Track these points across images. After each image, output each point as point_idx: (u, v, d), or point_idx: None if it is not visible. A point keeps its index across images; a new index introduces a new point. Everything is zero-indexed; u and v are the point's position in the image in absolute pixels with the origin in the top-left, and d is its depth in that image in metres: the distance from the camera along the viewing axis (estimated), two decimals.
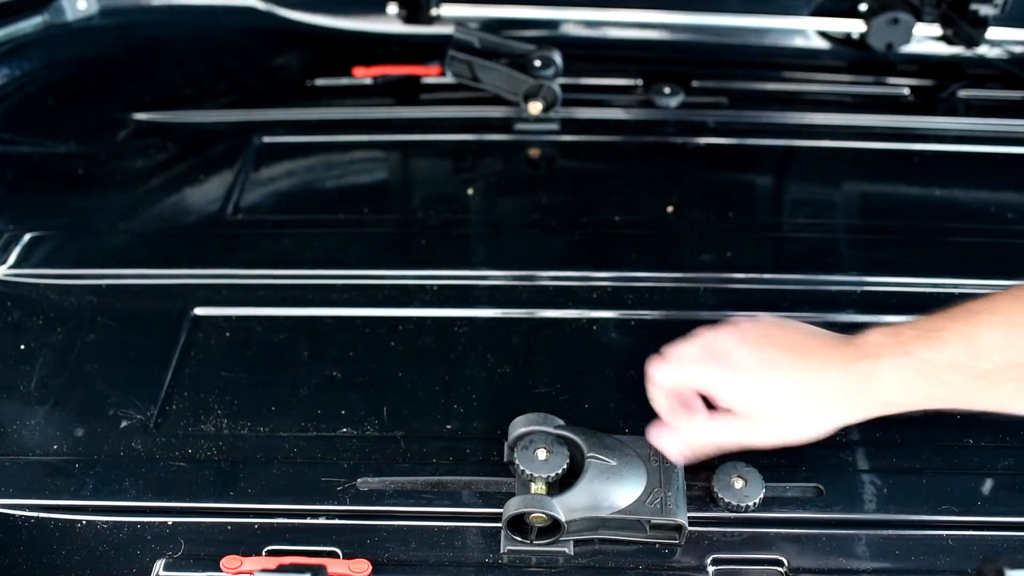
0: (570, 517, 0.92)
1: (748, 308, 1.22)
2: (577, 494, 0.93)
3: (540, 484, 0.94)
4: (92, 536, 0.96)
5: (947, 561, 0.94)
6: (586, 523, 0.94)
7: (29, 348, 1.16)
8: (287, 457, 1.04)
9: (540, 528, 0.94)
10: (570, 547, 0.95)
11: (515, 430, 0.98)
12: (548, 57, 1.51)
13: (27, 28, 1.49)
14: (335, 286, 1.24)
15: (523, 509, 0.92)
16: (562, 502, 0.92)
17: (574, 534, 0.95)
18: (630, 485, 0.94)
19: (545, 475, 0.93)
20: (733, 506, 0.96)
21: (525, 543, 0.94)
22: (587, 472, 0.94)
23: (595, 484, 0.93)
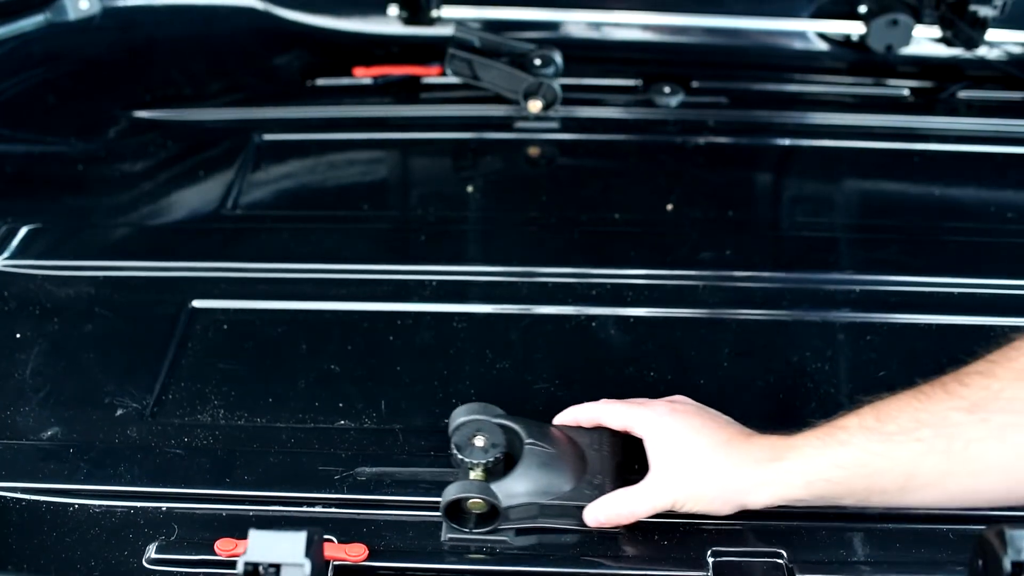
0: (507, 503, 0.92)
1: (747, 306, 1.22)
2: (514, 480, 0.92)
3: (478, 471, 0.93)
4: (84, 519, 0.95)
5: (947, 554, 0.94)
6: (525, 510, 0.93)
7: (26, 337, 1.16)
8: (284, 447, 1.03)
9: (479, 515, 0.93)
10: (511, 535, 0.94)
11: (455, 419, 0.98)
12: (548, 56, 1.51)
13: (29, 26, 1.50)
14: (334, 280, 1.24)
15: (460, 495, 0.91)
16: (499, 488, 0.92)
17: (515, 522, 0.94)
18: (569, 473, 0.93)
19: (482, 461, 0.93)
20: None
21: (464, 531, 0.94)
22: (524, 459, 0.94)
23: (532, 471, 0.93)
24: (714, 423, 0.94)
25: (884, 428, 0.85)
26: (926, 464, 0.84)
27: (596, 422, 0.99)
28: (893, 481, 0.86)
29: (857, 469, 0.86)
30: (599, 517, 0.93)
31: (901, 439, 0.85)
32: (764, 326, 1.20)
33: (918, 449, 0.84)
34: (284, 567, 0.77)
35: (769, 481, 0.89)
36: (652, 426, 0.94)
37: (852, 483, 0.87)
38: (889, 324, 1.19)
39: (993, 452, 0.82)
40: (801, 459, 0.88)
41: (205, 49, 1.62)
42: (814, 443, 0.88)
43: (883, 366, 1.13)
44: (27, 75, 1.50)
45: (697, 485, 0.91)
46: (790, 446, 0.89)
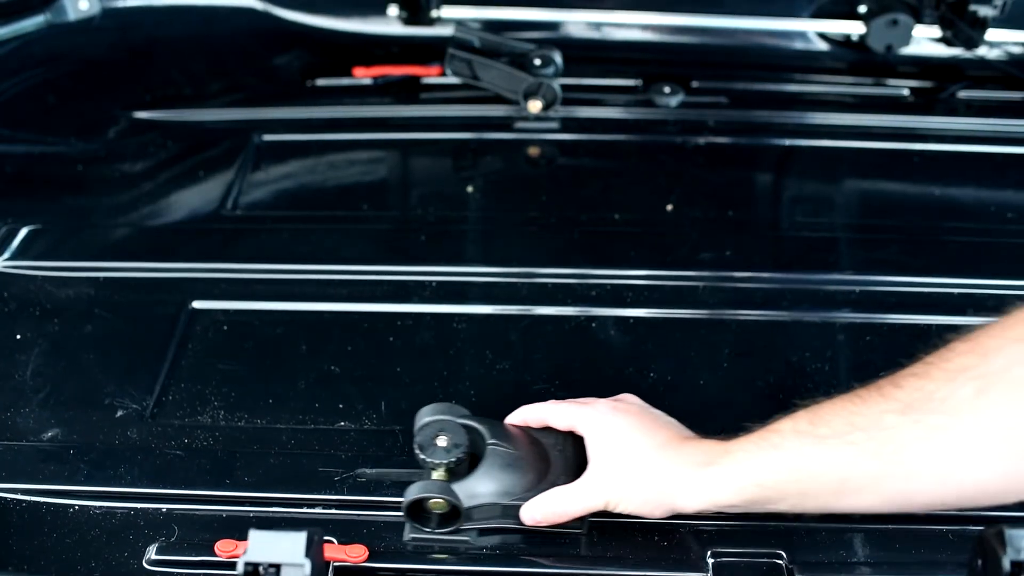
0: (469, 504, 0.92)
1: (747, 306, 1.22)
2: (476, 481, 0.92)
3: (441, 471, 0.93)
4: (84, 520, 0.96)
5: (946, 554, 0.94)
6: (487, 511, 0.93)
7: (26, 338, 1.16)
8: (284, 448, 1.03)
9: (441, 515, 0.93)
10: (473, 535, 0.94)
11: (420, 419, 0.98)
12: (548, 56, 1.51)
13: (29, 27, 1.50)
14: (334, 281, 1.24)
15: (421, 495, 0.91)
16: (462, 489, 0.92)
17: (478, 522, 0.94)
18: (531, 474, 0.93)
19: (444, 461, 0.93)
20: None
21: (426, 531, 0.94)
22: (487, 459, 0.94)
23: (495, 471, 0.93)
24: (654, 424, 0.94)
25: (817, 432, 0.85)
26: (859, 468, 0.83)
27: (543, 422, 0.98)
28: (826, 485, 0.85)
29: (789, 474, 0.86)
30: (535, 515, 0.92)
31: (834, 443, 0.84)
32: (764, 326, 1.20)
33: (851, 453, 0.83)
34: (284, 567, 0.78)
35: (701, 486, 0.88)
36: (592, 425, 0.94)
37: (785, 488, 0.86)
38: (889, 324, 1.19)
39: (925, 454, 0.81)
40: (734, 464, 0.87)
41: (205, 49, 1.62)
42: (747, 448, 0.87)
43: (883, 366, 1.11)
44: (27, 75, 1.50)
45: (630, 486, 0.91)
46: (724, 451, 0.88)
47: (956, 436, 0.80)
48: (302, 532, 0.79)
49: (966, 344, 0.82)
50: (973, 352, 0.80)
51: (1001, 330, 0.81)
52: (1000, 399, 0.78)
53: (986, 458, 0.80)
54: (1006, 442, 0.79)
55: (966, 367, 0.80)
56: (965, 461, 0.80)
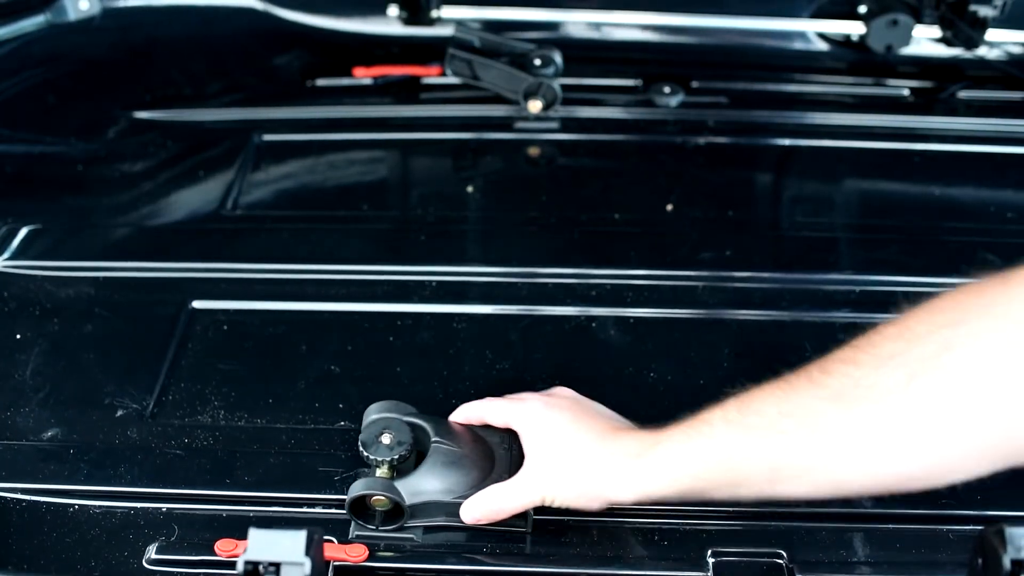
0: (412, 501, 0.92)
1: (747, 306, 1.22)
2: (419, 478, 0.93)
3: (384, 468, 0.93)
4: (84, 520, 0.96)
5: (946, 554, 0.94)
6: (432, 509, 0.93)
7: (26, 338, 1.16)
8: (284, 448, 1.03)
9: (385, 513, 0.93)
10: (419, 533, 0.94)
11: (367, 417, 0.98)
12: (548, 56, 1.51)
13: (29, 27, 1.50)
14: (334, 281, 1.24)
15: (363, 492, 0.91)
16: (404, 486, 0.92)
17: (422, 520, 0.94)
18: (476, 471, 0.93)
19: (387, 458, 0.93)
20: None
21: (371, 528, 0.93)
22: (430, 456, 0.94)
23: (438, 469, 0.93)
24: (587, 416, 0.94)
25: (746, 421, 0.84)
26: (790, 457, 0.83)
27: (481, 420, 0.98)
28: (758, 474, 0.85)
29: (721, 464, 0.85)
30: (474, 514, 0.92)
31: (764, 432, 0.83)
32: (764, 326, 1.20)
33: (781, 441, 0.82)
34: (284, 566, 0.77)
35: (634, 477, 0.88)
36: (526, 421, 0.94)
37: (717, 477, 0.86)
38: None
39: (855, 443, 0.80)
40: (666, 454, 0.86)
41: (205, 49, 1.62)
42: (678, 438, 0.86)
43: None
44: (27, 75, 1.50)
45: (563, 480, 0.90)
46: (655, 441, 0.87)
47: (885, 424, 0.79)
48: (302, 531, 0.78)
49: (894, 329, 0.80)
50: (901, 338, 0.79)
51: (929, 315, 0.79)
52: (929, 387, 0.77)
53: (916, 445, 0.79)
54: (935, 429, 0.78)
55: (894, 353, 0.79)
56: (895, 449, 0.79)
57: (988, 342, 0.76)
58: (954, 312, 0.78)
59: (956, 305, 0.79)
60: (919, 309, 0.81)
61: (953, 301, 0.79)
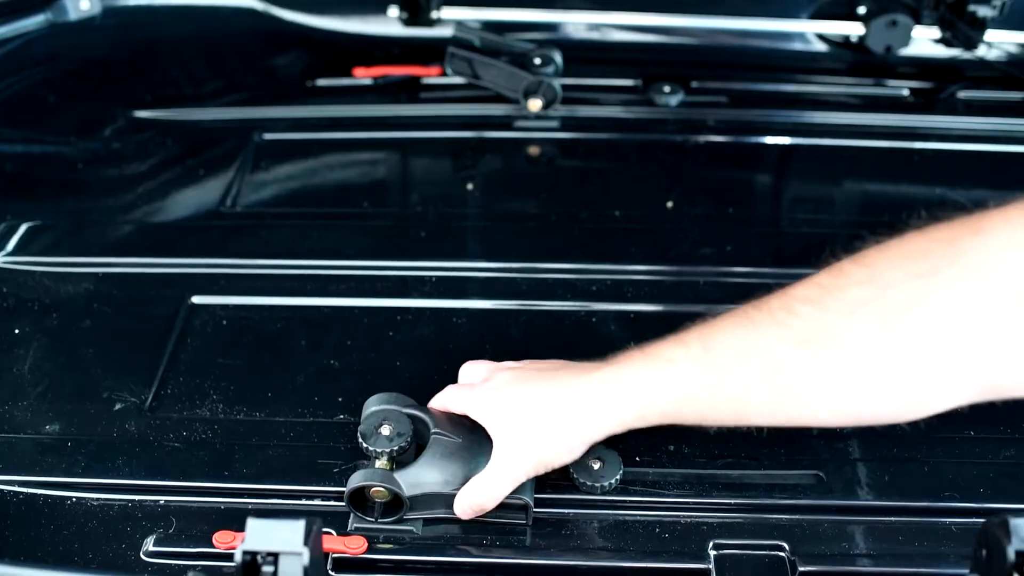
0: (412, 493, 0.91)
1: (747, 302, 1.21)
2: (419, 470, 0.92)
3: (384, 460, 0.93)
4: (82, 512, 0.95)
5: (950, 546, 0.93)
6: (431, 500, 0.93)
7: (24, 333, 1.16)
8: (283, 441, 1.03)
9: (384, 505, 0.92)
10: (418, 526, 0.93)
11: (366, 409, 0.97)
12: (548, 55, 1.51)
13: (30, 26, 1.50)
14: (333, 277, 1.24)
15: (363, 483, 0.91)
16: (404, 477, 0.91)
17: (422, 512, 0.93)
18: (476, 463, 0.93)
19: (386, 450, 0.92)
20: (588, 487, 0.95)
21: (370, 520, 0.93)
22: (430, 448, 0.93)
23: (438, 460, 0.92)
24: (530, 378, 0.93)
25: (712, 360, 0.84)
26: (754, 395, 0.83)
27: (445, 408, 0.98)
28: (724, 410, 0.86)
29: (687, 400, 0.85)
30: (466, 509, 0.92)
31: (729, 371, 0.83)
32: None
33: (746, 382, 0.83)
34: (282, 556, 0.77)
35: (603, 419, 0.88)
36: (481, 408, 0.93)
37: (684, 412, 0.87)
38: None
39: (821, 387, 0.81)
40: (630, 394, 0.87)
41: (205, 49, 1.62)
42: (641, 377, 0.86)
43: None
44: (27, 74, 1.50)
45: (538, 446, 0.90)
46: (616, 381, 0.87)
47: (853, 372, 0.80)
48: (300, 520, 0.78)
49: (862, 271, 0.80)
50: (871, 283, 0.79)
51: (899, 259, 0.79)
52: (898, 337, 0.78)
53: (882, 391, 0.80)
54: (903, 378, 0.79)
55: (864, 300, 0.79)
56: (861, 394, 0.81)
57: (959, 295, 0.76)
58: (925, 261, 0.78)
59: (927, 252, 0.79)
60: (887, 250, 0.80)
61: (923, 246, 0.79)
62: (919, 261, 0.78)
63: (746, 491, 0.97)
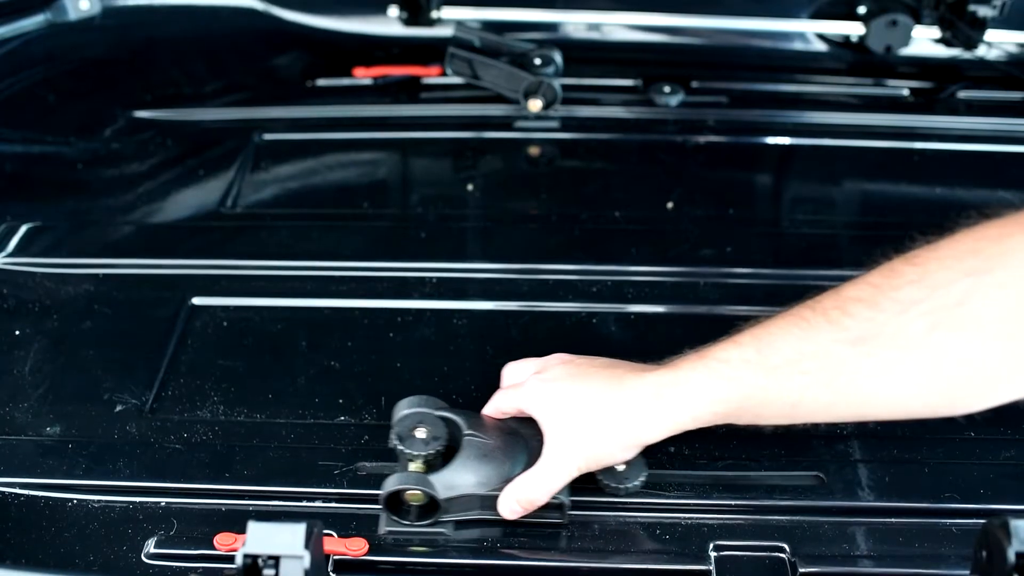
0: (447, 495, 0.91)
1: (748, 303, 1.21)
2: (453, 472, 0.92)
3: (418, 463, 0.93)
4: (83, 514, 0.95)
5: (950, 548, 0.93)
6: (466, 503, 0.93)
7: (25, 334, 1.16)
8: (284, 442, 1.03)
9: (419, 507, 0.93)
10: (450, 528, 0.93)
11: (398, 412, 0.97)
12: (548, 55, 1.51)
13: (30, 26, 1.50)
14: (334, 278, 1.24)
15: (398, 486, 0.91)
16: (438, 480, 0.91)
17: (455, 514, 0.93)
18: (509, 464, 0.93)
19: (422, 453, 0.92)
20: (612, 488, 0.95)
21: (404, 523, 0.93)
22: (464, 450, 0.93)
23: (472, 462, 0.92)
24: (586, 375, 0.93)
25: (767, 361, 0.85)
26: (810, 395, 0.85)
27: (500, 412, 0.98)
28: (779, 410, 0.87)
29: (742, 402, 0.86)
30: (514, 506, 0.91)
31: (785, 372, 0.84)
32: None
33: (802, 382, 0.84)
34: (283, 559, 0.77)
35: (658, 420, 0.89)
36: (531, 403, 0.93)
37: (738, 414, 0.88)
38: None
39: (878, 385, 0.83)
40: (686, 396, 0.88)
41: (205, 49, 1.62)
42: (696, 379, 0.87)
43: None
44: (27, 75, 1.50)
45: (589, 444, 0.90)
46: (672, 383, 0.88)
47: (908, 370, 0.82)
48: (301, 524, 0.78)
49: (914, 270, 0.81)
50: (923, 283, 0.80)
51: (950, 259, 0.81)
52: (951, 336, 0.80)
53: (937, 389, 0.82)
54: (956, 374, 0.81)
55: (916, 300, 0.80)
56: (916, 392, 0.83)
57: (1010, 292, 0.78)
58: (975, 258, 0.80)
59: (976, 250, 0.80)
60: (937, 249, 0.82)
61: (973, 245, 0.81)
62: (969, 259, 0.80)
63: (747, 492, 0.97)
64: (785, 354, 0.84)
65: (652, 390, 0.89)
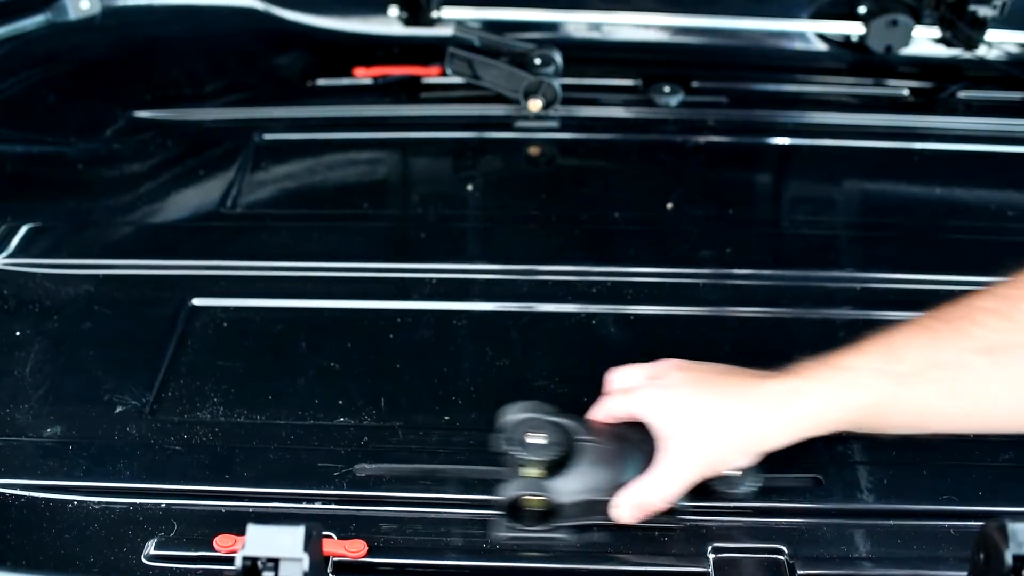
0: (564, 501, 0.91)
1: (747, 304, 1.21)
2: (571, 478, 0.92)
3: (534, 469, 0.93)
4: (83, 516, 0.95)
5: (948, 550, 0.93)
6: (580, 508, 0.93)
7: (25, 335, 1.16)
8: (283, 444, 1.03)
9: (535, 513, 0.93)
10: (566, 532, 0.94)
11: (507, 416, 0.97)
12: (548, 55, 1.51)
13: (30, 26, 1.50)
14: (334, 278, 1.24)
15: (518, 493, 0.91)
16: (556, 486, 0.92)
17: (569, 519, 0.94)
18: (624, 469, 0.93)
19: (539, 459, 0.93)
20: (726, 494, 0.95)
21: (521, 529, 0.93)
22: (580, 455, 0.93)
23: (588, 467, 0.93)
24: (704, 382, 0.93)
25: (895, 369, 0.85)
26: (936, 404, 0.85)
27: (610, 416, 0.98)
28: (903, 420, 0.87)
29: (868, 410, 0.86)
30: (631, 511, 0.91)
31: (912, 381, 0.84)
32: (764, 324, 1.19)
33: (929, 391, 0.84)
34: (282, 562, 0.77)
35: (782, 427, 0.88)
36: (646, 409, 0.93)
37: (862, 422, 0.88)
38: (889, 321, 1.17)
39: (1007, 396, 0.83)
40: (811, 404, 0.87)
41: (205, 49, 1.62)
42: (821, 387, 0.87)
43: None
44: (27, 75, 1.50)
45: (708, 451, 0.90)
46: (797, 391, 0.88)
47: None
48: (300, 526, 0.78)
49: None
50: None
51: None
52: None
53: None
54: None
55: None
56: None
57: None
58: None
59: None
60: None
61: None
62: None
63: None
64: (912, 363, 0.84)
65: (777, 398, 0.88)
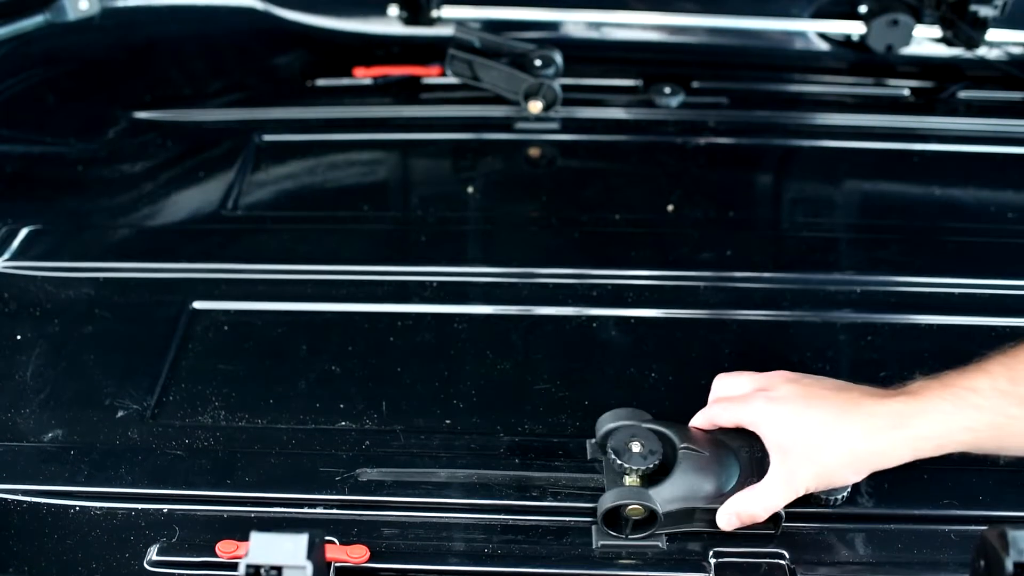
0: (665, 509, 0.91)
1: (748, 306, 1.22)
2: (672, 485, 0.92)
3: (634, 477, 0.93)
4: (85, 521, 0.95)
5: (949, 555, 0.94)
6: (678, 516, 0.93)
7: (26, 338, 1.16)
8: (285, 448, 1.03)
9: (636, 521, 0.93)
10: (663, 540, 0.94)
11: (604, 425, 0.97)
12: (548, 56, 1.51)
13: (29, 27, 1.49)
14: (334, 282, 1.24)
15: (621, 501, 0.91)
16: (657, 494, 0.92)
17: (667, 527, 0.94)
18: (723, 476, 0.93)
19: (640, 468, 0.92)
20: (824, 501, 0.95)
21: (620, 537, 0.93)
22: (680, 463, 0.93)
23: (689, 475, 0.93)
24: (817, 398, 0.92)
25: (1020, 391, 0.84)
26: None
27: (712, 424, 0.97)
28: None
29: (990, 431, 0.86)
30: (731, 521, 0.92)
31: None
32: (765, 326, 1.20)
33: None
34: (286, 569, 0.77)
35: (900, 447, 0.88)
36: (758, 421, 0.92)
37: (981, 443, 0.87)
38: (890, 324, 1.19)
39: None
40: (931, 424, 0.87)
41: (205, 49, 1.62)
42: (943, 407, 0.86)
43: (884, 366, 1.13)
44: (27, 75, 1.50)
45: (818, 467, 0.89)
46: (917, 411, 0.87)
47: None
48: (304, 534, 0.78)
49: None
50: None
51: None
52: None
53: None
54: None
55: None
56: None
57: None
58: None
59: None
60: None
61: None
62: None
63: None
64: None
65: (894, 418, 0.88)
